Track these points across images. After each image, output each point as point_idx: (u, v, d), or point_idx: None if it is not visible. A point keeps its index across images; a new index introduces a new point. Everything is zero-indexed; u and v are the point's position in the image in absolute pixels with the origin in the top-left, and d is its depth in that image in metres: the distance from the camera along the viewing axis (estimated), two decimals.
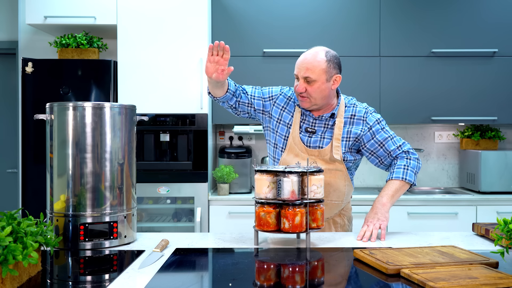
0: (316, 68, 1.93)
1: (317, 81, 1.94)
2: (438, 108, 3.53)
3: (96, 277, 1.46)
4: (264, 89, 2.14)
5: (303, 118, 2.06)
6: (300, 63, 1.96)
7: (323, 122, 2.05)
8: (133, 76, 3.29)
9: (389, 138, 2.04)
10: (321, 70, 1.93)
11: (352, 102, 2.08)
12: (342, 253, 1.70)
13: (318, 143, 2.03)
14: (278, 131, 2.08)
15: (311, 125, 2.05)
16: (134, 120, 1.87)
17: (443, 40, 3.52)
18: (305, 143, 2.04)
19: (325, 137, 2.03)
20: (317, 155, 2.02)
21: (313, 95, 1.96)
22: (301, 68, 1.94)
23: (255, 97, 2.11)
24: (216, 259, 1.69)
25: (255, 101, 2.10)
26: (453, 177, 3.89)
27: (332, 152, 2.01)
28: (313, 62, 1.93)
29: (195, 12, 3.28)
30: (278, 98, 2.10)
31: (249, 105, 2.10)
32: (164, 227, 3.33)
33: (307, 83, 1.94)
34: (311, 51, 1.97)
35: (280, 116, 2.09)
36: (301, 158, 2.02)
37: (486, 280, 1.27)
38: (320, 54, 1.95)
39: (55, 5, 3.33)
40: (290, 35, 3.50)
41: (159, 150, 3.34)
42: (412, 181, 2.00)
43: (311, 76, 1.93)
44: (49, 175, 1.78)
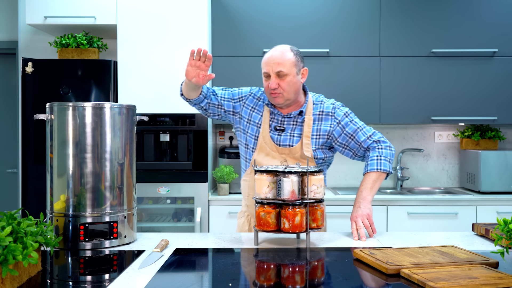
0: (287, 62, 1.98)
1: (288, 75, 1.98)
2: (438, 108, 3.53)
3: (96, 277, 1.46)
4: (234, 90, 2.17)
5: (272, 117, 2.09)
6: (270, 60, 1.99)
7: (292, 120, 2.07)
8: (133, 76, 3.29)
9: (359, 129, 2.07)
10: (291, 63, 1.99)
11: (320, 99, 2.12)
12: (342, 253, 1.70)
13: (288, 141, 2.05)
14: (249, 131, 2.11)
15: (280, 123, 2.08)
16: (134, 120, 1.87)
17: (443, 40, 3.52)
18: (275, 141, 2.06)
19: (295, 135, 2.06)
20: (288, 153, 2.04)
21: (286, 89, 1.99)
22: (272, 64, 1.98)
23: (225, 98, 2.13)
24: (216, 259, 1.69)
25: (225, 103, 2.12)
26: (453, 177, 3.89)
27: (302, 150, 2.03)
28: (283, 57, 1.98)
29: (195, 12, 3.29)
30: (248, 99, 2.13)
31: (219, 106, 2.12)
32: (164, 227, 3.33)
33: (279, 78, 1.98)
34: (277, 49, 2.01)
35: (249, 117, 2.11)
36: (272, 157, 2.04)
37: (486, 280, 1.27)
38: (286, 49, 2.01)
39: (55, 5, 3.33)
40: (290, 35, 3.50)
41: (159, 150, 3.34)
42: (387, 170, 2.02)
43: (283, 69, 1.97)
44: (49, 175, 1.78)
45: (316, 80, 3.49)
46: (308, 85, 3.51)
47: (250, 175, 2.10)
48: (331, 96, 3.63)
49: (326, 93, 3.51)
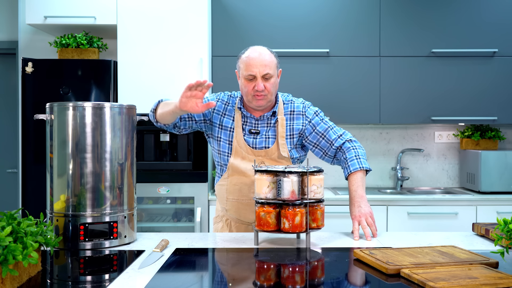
0: (272, 63, 1.99)
1: (273, 76, 1.99)
2: (438, 108, 3.53)
3: (96, 277, 1.46)
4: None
5: (245, 121, 2.08)
6: (257, 62, 1.97)
7: (265, 122, 2.08)
8: (133, 76, 3.29)
9: (329, 128, 2.08)
10: (275, 65, 2.01)
11: (289, 99, 2.13)
12: (342, 253, 1.70)
13: (264, 144, 2.06)
14: (222, 136, 2.09)
15: (254, 126, 2.07)
16: (134, 120, 1.87)
17: (443, 40, 3.52)
18: (251, 144, 2.05)
19: (270, 137, 2.06)
20: (264, 155, 2.04)
21: (271, 91, 2.00)
22: (260, 66, 1.96)
23: None
24: (216, 259, 1.69)
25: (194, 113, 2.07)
26: (453, 177, 3.89)
27: (279, 151, 2.04)
28: (269, 59, 1.99)
29: (195, 12, 3.29)
30: (217, 105, 2.11)
31: (189, 119, 2.09)
32: (164, 227, 3.33)
33: (265, 80, 1.98)
34: (258, 50, 2.00)
35: (220, 122, 2.10)
36: (248, 160, 2.03)
37: (486, 280, 1.27)
38: (267, 51, 2.01)
39: (55, 5, 3.33)
40: (290, 35, 3.50)
41: (159, 150, 3.34)
42: (368, 168, 2.04)
43: (270, 72, 1.97)
44: (49, 175, 1.78)
45: (316, 80, 3.49)
46: (308, 86, 3.53)
47: (227, 179, 2.09)
48: (331, 96, 3.64)
49: (326, 93, 3.53)
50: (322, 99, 3.47)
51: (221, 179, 2.13)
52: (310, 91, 3.47)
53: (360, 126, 3.87)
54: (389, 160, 3.88)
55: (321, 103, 3.35)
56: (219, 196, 2.17)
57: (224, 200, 2.13)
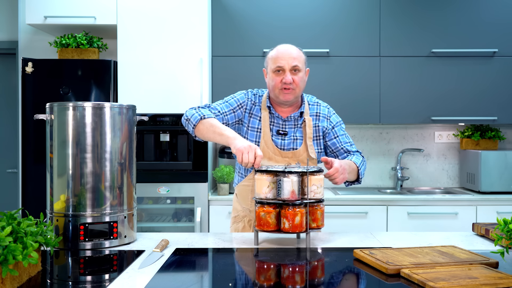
0: (301, 58, 2.02)
1: (301, 71, 2.01)
2: (438, 108, 3.53)
3: (96, 277, 1.46)
4: (229, 100, 2.10)
5: (272, 121, 2.08)
6: (286, 54, 1.99)
7: (293, 123, 2.08)
8: (133, 76, 3.29)
9: (350, 143, 2.13)
10: (304, 60, 2.03)
11: (315, 101, 2.15)
12: (342, 253, 1.70)
13: (292, 145, 2.06)
14: (248, 137, 2.07)
15: (282, 127, 2.07)
16: (134, 120, 1.87)
17: (443, 40, 3.52)
18: (279, 145, 2.05)
19: (297, 138, 2.07)
20: (291, 157, 2.03)
21: (299, 85, 2.01)
22: (288, 58, 1.98)
23: (226, 112, 2.07)
24: (216, 259, 1.69)
25: (228, 117, 2.07)
26: (453, 177, 3.89)
27: (307, 152, 2.04)
28: (298, 52, 2.02)
29: (195, 12, 3.29)
30: (247, 104, 2.10)
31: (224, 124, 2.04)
32: (164, 227, 3.33)
33: (294, 73, 1.99)
34: (287, 45, 2.03)
35: (248, 122, 2.09)
36: (275, 161, 2.02)
37: (486, 280, 1.27)
38: (295, 47, 2.04)
39: (55, 5, 3.33)
40: (290, 35, 3.50)
41: (159, 150, 3.34)
42: (361, 176, 2.07)
43: (299, 64, 1.99)
44: (49, 175, 1.78)
45: (316, 80, 3.49)
46: (308, 85, 3.51)
47: (252, 180, 2.06)
48: (331, 96, 3.64)
49: (326, 93, 3.52)
50: (322, 99, 3.44)
51: (244, 180, 2.11)
52: (310, 91, 3.46)
53: (360, 126, 3.87)
54: (389, 160, 3.88)
55: None
56: (241, 196, 2.15)
57: (249, 201, 2.11)
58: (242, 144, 1.78)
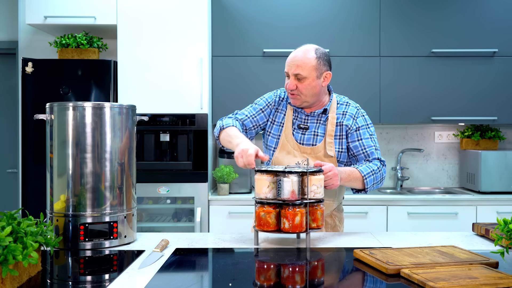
0: (307, 65, 1.95)
1: (307, 78, 1.96)
2: (438, 108, 3.53)
3: (96, 277, 1.46)
4: (258, 102, 2.14)
5: (296, 116, 2.08)
6: (291, 61, 1.98)
7: (315, 118, 2.06)
8: (133, 76, 3.29)
9: (374, 147, 2.04)
10: (311, 67, 1.95)
11: (345, 100, 2.11)
12: (342, 253, 1.70)
13: (312, 141, 2.04)
14: (272, 131, 2.10)
15: (304, 121, 2.06)
16: (134, 120, 1.87)
17: (443, 40, 3.52)
18: (298, 140, 2.04)
19: (318, 134, 2.04)
20: (310, 152, 2.02)
21: (304, 92, 1.98)
22: (292, 65, 1.96)
23: (254, 114, 2.11)
24: (216, 259, 1.69)
25: (257, 118, 2.10)
26: (453, 177, 3.89)
27: (325, 149, 2.01)
28: (304, 59, 1.95)
29: (195, 12, 3.28)
30: (275, 101, 2.12)
31: (255, 127, 2.11)
32: (164, 227, 3.33)
33: (298, 80, 1.97)
34: (301, 49, 1.99)
35: (274, 117, 2.11)
36: (293, 155, 2.02)
37: (486, 280, 1.27)
38: (310, 51, 1.97)
39: (55, 5, 3.33)
40: (290, 35, 3.50)
41: (159, 150, 3.34)
42: (367, 186, 1.97)
43: (302, 73, 1.95)
44: (49, 175, 1.78)
45: None
46: None
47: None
48: None
49: None
50: None
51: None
52: None
53: None
54: (389, 160, 3.88)
55: None
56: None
57: None
58: (238, 150, 1.81)
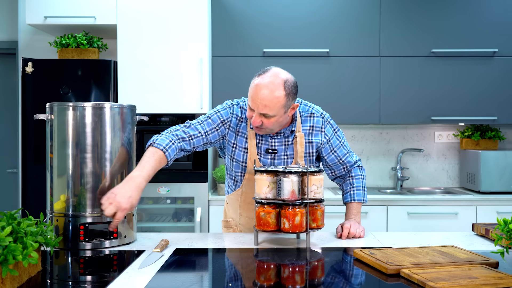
0: (275, 105, 1.76)
1: (275, 116, 1.79)
2: (438, 108, 3.53)
3: (96, 277, 1.46)
4: (212, 116, 1.93)
5: (260, 138, 1.92)
6: (258, 98, 1.76)
7: (283, 140, 1.93)
8: (133, 76, 3.29)
9: (348, 154, 2.04)
10: (280, 106, 1.77)
11: (308, 111, 1.96)
12: (342, 253, 1.70)
13: (283, 165, 1.93)
14: (235, 157, 1.95)
15: (271, 145, 1.92)
16: (134, 120, 1.87)
17: (443, 40, 3.52)
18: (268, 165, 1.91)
19: (288, 156, 1.93)
20: None
21: (270, 127, 1.83)
22: (259, 104, 1.76)
23: (207, 132, 1.91)
24: (216, 259, 1.69)
25: (209, 136, 1.91)
26: (453, 177, 3.89)
27: None
28: (272, 99, 1.75)
29: (195, 12, 3.29)
30: (231, 121, 1.93)
31: (206, 144, 1.93)
32: (164, 227, 3.33)
33: (264, 117, 1.79)
34: (268, 84, 1.75)
35: (235, 141, 1.94)
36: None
37: (486, 280, 1.27)
38: (278, 88, 1.76)
39: (55, 5, 3.33)
40: (290, 35, 3.50)
41: None
42: (366, 201, 2.08)
43: (269, 113, 1.77)
44: (49, 175, 1.78)
45: (316, 80, 3.49)
46: (308, 86, 3.53)
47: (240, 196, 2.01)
48: (331, 97, 3.63)
49: (326, 93, 3.53)
50: (322, 99, 3.47)
51: (233, 193, 2.04)
52: (310, 91, 3.47)
53: (360, 126, 3.87)
54: (389, 160, 3.88)
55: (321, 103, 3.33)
56: (232, 207, 2.11)
57: (238, 215, 2.09)
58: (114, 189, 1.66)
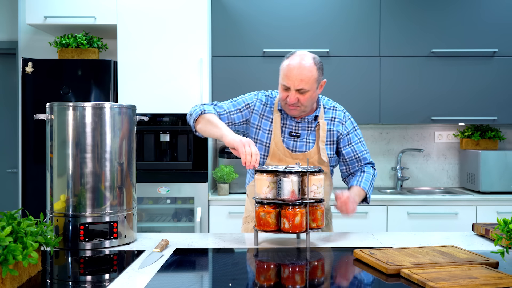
0: (310, 79, 1.89)
1: (309, 91, 1.91)
2: (438, 108, 3.53)
3: (96, 277, 1.46)
4: (237, 100, 2.08)
5: (284, 123, 2.03)
6: (294, 75, 1.88)
7: (306, 125, 2.04)
8: (133, 76, 3.29)
9: (365, 151, 2.09)
10: (314, 80, 1.91)
11: (331, 105, 2.10)
12: (342, 253, 1.70)
13: (304, 148, 2.02)
14: (259, 138, 2.04)
15: (295, 129, 2.03)
16: (134, 120, 1.87)
17: (443, 40, 3.52)
18: (291, 147, 2.01)
19: (310, 141, 2.03)
20: (302, 158, 2.01)
21: (304, 103, 1.94)
22: (295, 79, 1.88)
23: (232, 112, 2.04)
24: (216, 259, 1.69)
25: (234, 116, 2.04)
26: (453, 177, 3.89)
27: (319, 154, 2.01)
28: (307, 73, 1.88)
29: (195, 12, 3.29)
30: (256, 105, 2.06)
31: (230, 123, 2.04)
32: (164, 227, 3.33)
33: (300, 93, 1.91)
34: (300, 61, 1.89)
35: (259, 123, 2.05)
36: (285, 162, 2.01)
37: (486, 280, 1.27)
38: (310, 63, 1.90)
39: (55, 5, 3.33)
40: (290, 35, 3.50)
41: (159, 150, 3.34)
42: (369, 199, 2.07)
43: (305, 87, 1.89)
44: (49, 175, 1.78)
45: None
46: None
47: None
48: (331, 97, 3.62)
49: (326, 93, 3.51)
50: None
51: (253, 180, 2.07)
52: None
53: (360, 126, 3.87)
54: (389, 160, 3.88)
55: None
56: (251, 196, 2.13)
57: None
58: (234, 137, 1.79)
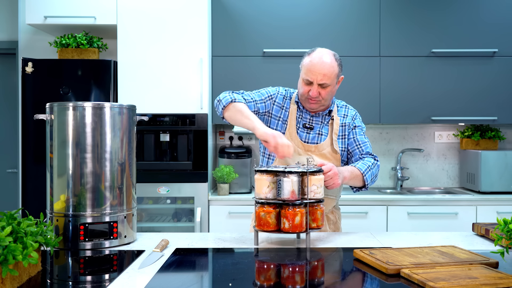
0: (332, 74, 1.99)
1: (330, 85, 2.01)
2: (438, 108, 3.53)
3: (96, 277, 1.46)
4: (261, 91, 2.16)
5: (300, 115, 2.12)
6: (317, 70, 1.97)
7: (320, 119, 2.12)
8: (133, 76, 3.29)
9: (368, 142, 2.15)
10: (335, 75, 2.01)
11: (343, 103, 2.20)
12: (342, 253, 1.70)
13: (316, 140, 2.10)
14: (278, 128, 2.12)
15: (309, 121, 2.12)
16: (134, 120, 1.87)
17: (443, 40, 3.52)
18: (303, 139, 2.09)
19: (323, 134, 2.10)
20: (314, 150, 2.07)
21: (325, 98, 2.03)
22: (318, 74, 1.97)
23: (257, 101, 2.11)
24: (216, 259, 1.69)
25: (259, 105, 2.11)
26: (453, 177, 3.89)
27: (331, 146, 2.07)
28: (330, 68, 1.98)
29: (195, 12, 3.28)
30: (277, 97, 2.15)
31: (255, 112, 2.09)
32: (164, 227, 3.33)
33: (321, 88, 2.00)
34: (322, 56, 1.99)
35: (280, 114, 2.13)
36: (298, 153, 2.06)
37: (486, 280, 1.27)
38: (331, 58, 2.00)
39: (55, 5, 3.33)
40: (290, 35, 3.50)
41: (159, 150, 3.34)
42: (367, 182, 2.04)
43: (327, 81, 1.98)
44: (49, 175, 1.78)
45: None
46: None
47: None
48: None
49: None
50: None
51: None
52: None
53: None
54: (389, 160, 3.88)
55: None
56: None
57: None
58: (265, 130, 1.86)
